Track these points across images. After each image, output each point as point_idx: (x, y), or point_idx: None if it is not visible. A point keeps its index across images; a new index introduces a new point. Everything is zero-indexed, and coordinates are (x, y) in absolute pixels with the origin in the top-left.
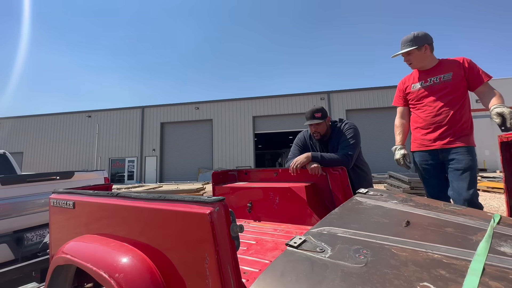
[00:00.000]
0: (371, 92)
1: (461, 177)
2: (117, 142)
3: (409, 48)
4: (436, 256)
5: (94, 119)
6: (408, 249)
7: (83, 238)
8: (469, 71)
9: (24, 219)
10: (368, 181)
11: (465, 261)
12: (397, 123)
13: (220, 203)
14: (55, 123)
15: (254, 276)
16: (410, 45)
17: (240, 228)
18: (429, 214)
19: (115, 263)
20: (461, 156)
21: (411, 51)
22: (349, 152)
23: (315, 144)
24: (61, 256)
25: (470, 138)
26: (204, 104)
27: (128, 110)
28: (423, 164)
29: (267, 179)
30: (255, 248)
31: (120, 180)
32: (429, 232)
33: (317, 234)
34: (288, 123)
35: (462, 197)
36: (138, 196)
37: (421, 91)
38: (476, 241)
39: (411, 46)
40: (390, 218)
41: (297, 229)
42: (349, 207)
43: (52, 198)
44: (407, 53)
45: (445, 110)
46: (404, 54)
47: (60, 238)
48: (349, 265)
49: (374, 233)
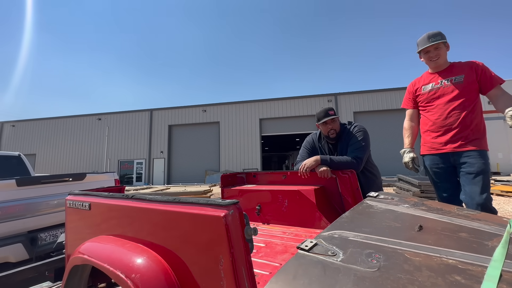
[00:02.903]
0: (379, 94)
1: (474, 181)
2: (126, 144)
3: (440, 41)
4: (451, 261)
5: (104, 121)
6: (422, 254)
7: (99, 239)
8: (482, 74)
9: (38, 220)
10: (378, 184)
11: (481, 267)
12: (406, 125)
13: (234, 206)
14: (66, 125)
15: (265, 279)
16: (439, 38)
17: (254, 231)
18: (442, 218)
19: (131, 263)
20: (473, 160)
21: (439, 45)
22: (359, 155)
23: (324, 146)
24: (78, 256)
25: (483, 142)
26: (211, 106)
27: (136, 113)
28: (433, 167)
29: (276, 182)
30: (264, 251)
31: (129, 182)
32: (442, 237)
33: (328, 237)
34: (295, 125)
35: (475, 201)
36: (153, 199)
37: (432, 93)
38: (492, 246)
39: (441, 40)
40: (402, 222)
41: (306, 232)
42: (359, 210)
43: (68, 200)
44: (435, 47)
45: (456, 113)
46: (431, 47)
47: (76, 238)
48: (362, 269)
49: (386, 237)
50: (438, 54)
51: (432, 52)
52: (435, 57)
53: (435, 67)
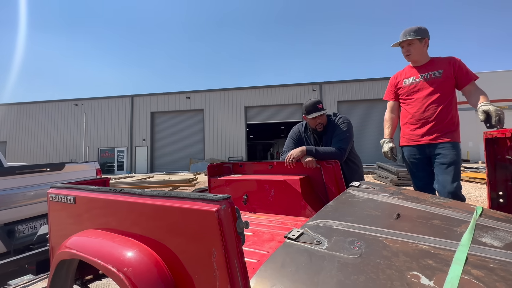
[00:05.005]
0: (362, 84)
1: (446, 171)
2: (106, 132)
3: (412, 37)
4: (424, 247)
5: (81, 107)
6: (399, 240)
7: (87, 233)
8: (458, 70)
9: (14, 212)
10: (360, 173)
11: (450, 251)
12: (387, 117)
13: (227, 201)
14: (40, 111)
15: (253, 267)
16: (414, 35)
17: (246, 225)
18: (417, 207)
19: (122, 257)
20: (446, 151)
21: (412, 41)
22: (342, 146)
23: (310, 137)
24: (65, 251)
25: (456, 134)
26: (195, 93)
27: (116, 99)
28: (411, 158)
29: (262, 171)
30: (252, 240)
31: (110, 171)
32: (417, 224)
33: (314, 226)
34: (280, 113)
35: (446, 189)
36: (142, 193)
37: (412, 86)
38: (460, 232)
39: (414, 36)
40: (382, 210)
41: (292, 220)
42: (343, 200)
43: (51, 193)
44: (408, 43)
45: (433, 107)
46: (405, 43)
47: (61, 232)
48: (345, 256)
49: (368, 225)
50: (409, 50)
51: (405, 48)
52: (406, 53)
53: (412, 62)
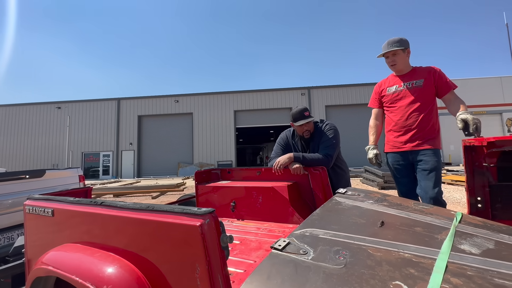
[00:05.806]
0: (350, 89)
1: (428, 177)
2: (91, 136)
3: (396, 48)
4: (407, 255)
5: (65, 110)
6: (382, 249)
7: (65, 247)
8: (438, 79)
9: None
10: (346, 179)
11: (431, 260)
12: (371, 124)
13: (210, 215)
14: (20, 114)
15: (240, 277)
16: (398, 45)
17: (230, 239)
18: (400, 213)
19: (102, 273)
20: (428, 158)
21: (397, 52)
22: (329, 153)
23: (297, 143)
24: (41, 267)
25: (436, 141)
26: (184, 97)
27: (102, 102)
28: (395, 164)
29: (250, 178)
30: (239, 248)
31: (95, 176)
32: (400, 232)
33: (300, 236)
34: (269, 117)
35: (428, 195)
36: (124, 206)
37: (395, 94)
38: (441, 239)
39: (398, 47)
40: (366, 218)
41: (280, 227)
42: (329, 207)
43: (27, 205)
44: (393, 53)
45: (415, 115)
46: (390, 54)
47: (38, 246)
48: (330, 266)
49: (353, 233)
50: (394, 60)
51: (390, 58)
52: (391, 63)
53: (397, 71)
